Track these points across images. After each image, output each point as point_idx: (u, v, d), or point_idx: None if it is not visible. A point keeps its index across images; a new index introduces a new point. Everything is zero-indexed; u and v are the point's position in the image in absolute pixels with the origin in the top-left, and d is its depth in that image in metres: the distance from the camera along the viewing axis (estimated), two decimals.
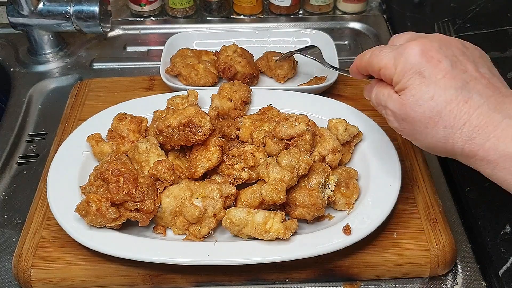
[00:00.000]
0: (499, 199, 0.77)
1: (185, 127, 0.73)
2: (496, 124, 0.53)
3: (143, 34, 1.19)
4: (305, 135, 0.72)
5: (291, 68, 0.97)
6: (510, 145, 0.52)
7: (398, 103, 0.58)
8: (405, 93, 0.57)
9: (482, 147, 0.54)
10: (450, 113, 0.55)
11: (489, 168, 0.54)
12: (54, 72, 1.08)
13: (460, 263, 0.73)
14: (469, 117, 0.54)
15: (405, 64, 0.57)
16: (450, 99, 0.55)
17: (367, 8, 1.24)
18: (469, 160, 0.56)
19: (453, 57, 0.57)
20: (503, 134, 0.53)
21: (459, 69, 0.56)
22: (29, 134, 0.95)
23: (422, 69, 0.56)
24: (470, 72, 0.57)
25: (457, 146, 0.55)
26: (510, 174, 0.53)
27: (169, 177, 0.71)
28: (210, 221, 0.69)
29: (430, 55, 0.57)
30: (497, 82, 0.58)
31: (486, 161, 0.54)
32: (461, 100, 0.55)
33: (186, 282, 0.70)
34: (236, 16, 1.23)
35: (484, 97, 0.55)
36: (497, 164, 0.53)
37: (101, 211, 0.66)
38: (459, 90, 0.55)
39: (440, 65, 0.56)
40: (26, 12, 1.02)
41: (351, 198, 0.72)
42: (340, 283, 0.71)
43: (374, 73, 0.63)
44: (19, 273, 0.69)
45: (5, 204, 0.82)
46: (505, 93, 0.56)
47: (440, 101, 0.55)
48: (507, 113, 0.54)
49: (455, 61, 0.57)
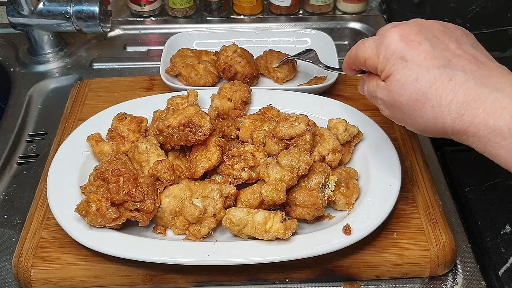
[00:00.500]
0: (499, 199, 0.77)
1: (185, 127, 0.73)
2: (484, 99, 0.53)
3: (143, 34, 1.19)
4: (305, 135, 0.72)
5: (291, 71, 0.97)
6: (500, 119, 0.52)
7: (385, 90, 0.59)
8: (390, 79, 0.58)
9: (472, 123, 0.53)
10: (435, 92, 0.55)
11: (481, 144, 0.54)
12: (54, 72, 1.08)
13: (460, 263, 0.73)
14: (455, 94, 0.54)
15: (386, 51, 0.58)
16: (434, 79, 0.55)
17: (367, 8, 1.24)
18: (461, 137, 0.55)
19: (434, 38, 0.58)
20: (492, 108, 0.52)
21: (440, 48, 0.57)
22: (29, 134, 0.95)
23: (404, 53, 0.57)
24: (453, 49, 0.57)
25: (447, 125, 0.55)
26: (502, 148, 0.52)
27: (169, 177, 0.71)
28: (210, 221, 0.69)
29: (410, 38, 0.57)
30: (482, 57, 0.57)
31: (477, 137, 0.54)
32: (445, 78, 0.54)
33: (186, 282, 0.70)
34: (236, 16, 1.23)
35: (469, 73, 0.55)
36: (488, 140, 0.53)
37: (101, 211, 0.66)
38: (442, 69, 0.55)
39: (421, 47, 0.56)
40: (26, 12, 1.02)
41: (351, 198, 0.72)
42: (340, 283, 0.71)
43: (361, 65, 0.64)
44: (19, 273, 0.69)
45: (5, 204, 0.82)
46: (491, 67, 0.56)
47: (424, 81, 0.55)
48: (494, 87, 0.53)
49: (436, 41, 0.57)
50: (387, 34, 0.59)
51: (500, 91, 0.53)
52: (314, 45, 1.04)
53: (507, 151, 0.52)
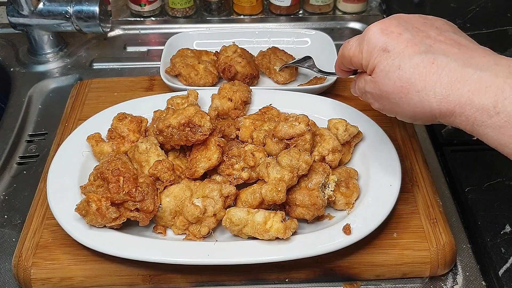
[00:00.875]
0: (499, 199, 0.77)
1: (185, 127, 0.73)
2: (467, 78, 0.53)
3: (143, 34, 1.19)
4: (305, 135, 0.72)
5: (291, 75, 0.96)
6: (484, 97, 0.52)
7: (372, 82, 0.61)
8: (375, 71, 0.60)
9: (458, 103, 0.53)
10: (419, 77, 0.55)
11: (468, 124, 0.54)
12: (54, 72, 1.08)
13: (460, 263, 0.73)
14: (438, 76, 0.54)
15: (368, 45, 0.60)
16: (416, 64, 0.56)
17: (367, 8, 1.24)
18: (449, 119, 0.56)
19: (414, 28, 0.59)
20: (477, 87, 0.52)
21: (421, 36, 0.58)
22: (29, 134, 0.95)
23: (385, 45, 0.58)
24: (433, 36, 0.58)
25: (434, 107, 0.55)
26: (488, 127, 0.52)
27: (169, 177, 0.71)
28: (210, 221, 0.69)
29: (390, 30, 0.59)
30: (464, 40, 0.58)
31: (464, 117, 0.54)
32: (427, 62, 0.55)
33: (186, 282, 0.70)
34: (236, 16, 1.23)
35: (451, 55, 0.55)
36: (475, 119, 0.53)
37: (101, 211, 0.66)
38: (423, 54, 0.56)
39: (401, 37, 0.58)
40: (26, 12, 1.02)
41: (351, 198, 0.72)
42: (340, 283, 0.71)
43: (348, 65, 0.66)
44: (19, 273, 0.69)
45: (5, 204, 0.82)
46: (473, 48, 0.57)
47: (407, 68, 0.56)
48: (477, 66, 0.54)
49: (416, 31, 0.59)
50: (368, 30, 0.61)
51: (483, 70, 0.53)
52: (314, 45, 1.04)
53: (494, 129, 0.52)
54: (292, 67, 0.96)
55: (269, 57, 0.98)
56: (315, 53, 0.97)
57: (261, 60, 0.98)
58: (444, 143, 0.87)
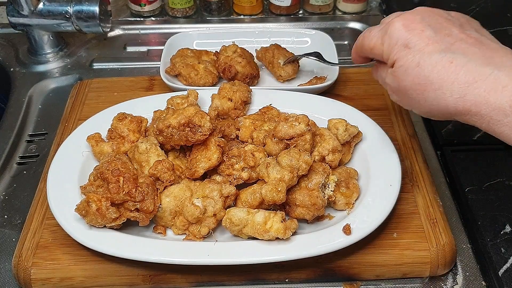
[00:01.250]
0: (499, 199, 0.77)
1: (185, 127, 0.73)
2: (484, 78, 0.54)
3: (143, 34, 1.19)
4: (305, 135, 0.72)
5: (294, 71, 0.96)
6: (501, 97, 0.53)
7: (391, 76, 0.62)
8: (395, 65, 0.60)
9: (474, 102, 0.54)
10: (437, 76, 0.56)
11: (484, 122, 0.55)
12: (54, 72, 1.08)
13: (460, 263, 0.73)
14: (456, 76, 0.55)
15: (390, 39, 0.61)
16: (435, 62, 0.56)
17: (367, 8, 1.24)
18: (464, 117, 0.57)
19: (437, 24, 0.60)
20: (493, 87, 0.53)
21: (443, 34, 0.58)
22: (29, 134, 0.95)
23: (407, 40, 0.59)
24: (455, 34, 0.59)
25: (450, 106, 0.56)
26: (504, 126, 0.53)
27: (169, 177, 0.71)
28: (210, 221, 0.69)
29: (413, 26, 0.59)
30: (485, 39, 0.59)
31: (480, 116, 0.55)
32: (446, 61, 0.56)
33: (186, 282, 0.70)
34: (236, 16, 1.23)
35: (470, 55, 0.56)
36: (490, 118, 0.54)
37: (101, 211, 0.66)
38: (443, 53, 0.56)
39: (423, 34, 0.58)
40: (26, 12, 1.02)
41: (351, 198, 0.72)
42: (340, 283, 0.71)
43: (368, 54, 0.67)
44: (19, 273, 0.69)
45: (5, 204, 0.82)
46: (494, 48, 0.57)
47: (425, 65, 0.57)
48: (495, 66, 0.54)
49: (439, 28, 0.59)
50: (391, 23, 0.61)
51: (501, 70, 0.54)
52: (314, 45, 1.04)
53: (510, 128, 0.53)
54: (295, 64, 0.96)
55: (273, 52, 0.97)
56: None
57: (264, 54, 0.97)
58: (444, 143, 0.87)
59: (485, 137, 0.86)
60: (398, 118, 0.88)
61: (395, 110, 0.90)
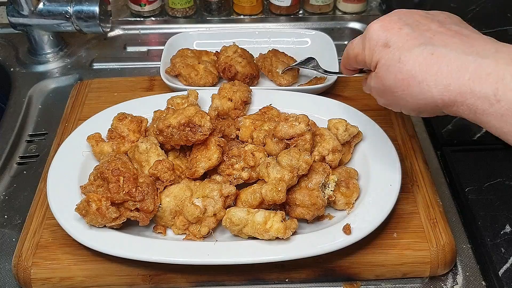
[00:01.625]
0: (499, 199, 0.77)
1: (185, 127, 0.73)
2: (467, 66, 0.53)
3: (143, 34, 1.19)
4: (305, 135, 0.72)
5: (294, 78, 0.96)
6: (485, 85, 0.51)
7: (375, 77, 0.62)
8: (378, 66, 0.60)
9: (459, 92, 0.53)
10: (419, 68, 0.56)
11: (470, 113, 0.54)
12: (54, 72, 1.08)
13: (460, 263, 0.73)
14: (439, 67, 0.54)
15: (370, 42, 0.61)
16: (415, 56, 0.56)
17: (367, 8, 1.24)
18: (451, 109, 0.56)
19: (414, 22, 0.60)
20: (477, 74, 0.52)
21: (421, 30, 0.58)
22: (29, 134, 0.95)
23: (386, 40, 0.59)
24: (434, 29, 0.58)
25: (436, 98, 0.55)
26: (490, 115, 0.52)
27: (169, 177, 0.71)
28: (210, 221, 0.69)
29: (390, 26, 0.60)
30: (466, 31, 0.58)
31: (466, 106, 0.53)
32: (427, 54, 0.56)
33: (186, 282, 0.70)
34: (236, 16, 1.23)
35: (450, 45, 0.55)
36: (476, 108, 0.53)
37: (101, 211, 0.66)
38: (422, 46, 0.56)
39: (401, 31, 0.59)
40: (26, 12, 1.02)
41: (351, 198, 0.72)
42: (340, 283, 0.71)
43: (354, 64, 0.67)
44: (19, 273, 0.69)
45: (5, 204, 0.82)
46: (475, 38, 0.57)
47: (406, 60, 0.57)
48: (478, 54, 0.53)
49: (417, 24, 0.59)
50: (369, 27, 0.61)
51: (484, 57, 0.53)
52: (314, 45, 1.04)
53: (495, 117, 0.52)
54: (294, 69, 0.96)
55: (271, 59, 0.97)
56: (315, 53, 0.97)
57: (263, 63, 0.97)
58: (444, 143, 0.87)
59: (485, 137, 0.87)
60: (398, 118, 0.88)
61: None
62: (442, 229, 0.71)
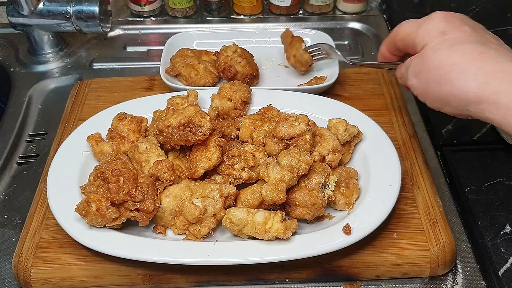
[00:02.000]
0: (499, 199, 0.77)
1: (185, 127, 0.73)
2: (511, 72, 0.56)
3: (143, 34, 1.19)
4: (305, 135, 0.72)
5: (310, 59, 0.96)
6: None
7: (417, 57, 0.64)
8: (425, 47, 0.63)
9: (496, 90, 0.55)
10: (466, 60, 0.58)
11: (499, 113, 0.55)
12: (54, 72, 1.08)
13: (460, 263, 0.73)
14: (484, 64, 0.57)
15: (428, 25, 0.64)
16: (466, 49, 0.59)
17: (367, 8, 1.24)
18: (480, 106, 0.57)
19: (475, 26, 0.63)
20: None
21: (479, 34, 0.61)
22: (29, 134, 0.95)
23: (444, 29, 0.62)
24: (489, 39, 0.62)
25: (471, 91, 0.57)
26: None
27: (169, 177, 0.71)
28: (210, 221, 0.69)
29: (453, 20, 0.62)
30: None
31: (497, 106, 0.55)
32: (477, 51, 0.58)
33: (186, 282, 0.70)
34: (236, 16, 1.23)
35: (501, 53, 0.58)
36: (508, 109, 0.55)
37: (101, 211, 0.66)
38: (476, 44, 0.59)
39: (462, 28, 0.61)
40: (26, 12, 1.02)
41: (351, 198, 0.72)
42: (340, 283, 0.71)
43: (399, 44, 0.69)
44: (19, 273, 0.69)
45: (5, 204, 0.82)
46: None
47: (457, 50, 0.59)
48: None
49: (476, 29, 0.62)
50: (432, 14, 0.64)
51: None
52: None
53: None
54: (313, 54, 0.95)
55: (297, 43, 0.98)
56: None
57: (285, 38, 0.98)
58: (444, 143, 0.87)
59: (485, 137, 0.87)
60: (398, 118, 0.88)
61: (395, 110, 0.90)
62: (442, 229, 0.71)
